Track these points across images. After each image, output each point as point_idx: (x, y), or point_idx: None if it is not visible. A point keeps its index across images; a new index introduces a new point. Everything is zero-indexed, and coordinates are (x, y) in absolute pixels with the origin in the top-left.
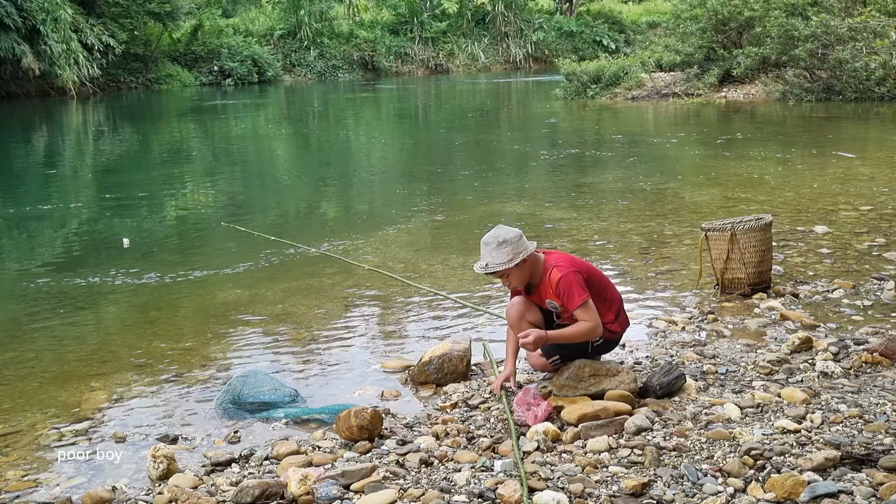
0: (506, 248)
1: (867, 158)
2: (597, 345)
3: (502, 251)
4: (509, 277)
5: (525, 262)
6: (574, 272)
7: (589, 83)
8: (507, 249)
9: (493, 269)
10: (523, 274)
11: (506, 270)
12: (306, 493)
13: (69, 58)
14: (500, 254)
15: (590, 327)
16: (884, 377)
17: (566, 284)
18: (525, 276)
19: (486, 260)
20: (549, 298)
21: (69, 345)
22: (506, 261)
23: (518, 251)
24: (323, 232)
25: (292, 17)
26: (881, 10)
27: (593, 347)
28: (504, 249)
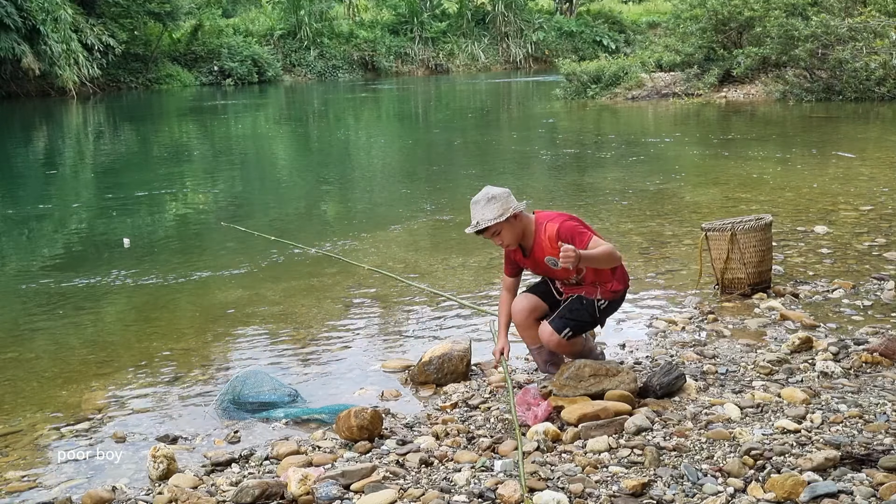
0: (495, 204)
1: (867, 158)
2: (603, 307)
3: (492, 207)
4: (501, 235)
5: (516, 219)
6: (569, 219)
7: (589, 83)
8: (496, 205)
9: (484, 226)
10: (515, 231)
11: (497, 227)
12: (306, 493)
13: (69, 58)
14: (489, 210)
15: (613, 249)
16: (884, 377)
17: (568, 229)
18: (517, 234)
19: (477, 218)
20: (548, 255)
21: (69, 345)
22: (496, 216)
23: (508, 206)
24: (323, 232)
25: (292, 17)
26: (881, 10)
27: (600, 311)
28: (493, 205)
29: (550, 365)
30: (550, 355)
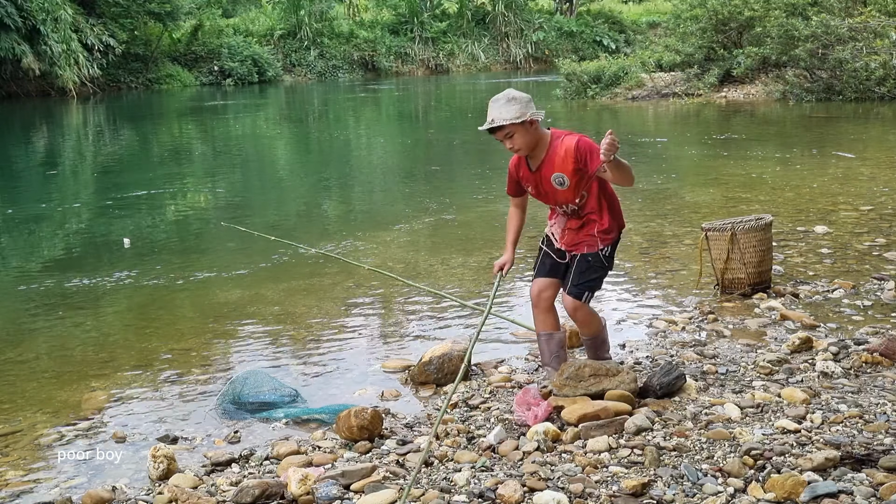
0: (514, 105)
1: (867, 158)
2: (608, 255)
3: (511, 107)
4: (514, 139)
5: (532, 126)
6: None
7: (589, 83)
8: (515, 106)
9: (499, 124)
10: (529, 137)
11: (512, 128)
12: (306, 493)
13: (69, 58)
14: (508, 109)
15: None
16: (884, 377)
17: (587, 144)
18: (531, 141)
19: (493, 115)
20: (557, 171)
21: (69, 345)
22: (513, 117)
23: (526, 110)
24: (323, 232)
25: (292, 17)
26: (881, 10)
27: (607, 259)
28: (513, 106)
29: (555, 358)
30: (558, 349)
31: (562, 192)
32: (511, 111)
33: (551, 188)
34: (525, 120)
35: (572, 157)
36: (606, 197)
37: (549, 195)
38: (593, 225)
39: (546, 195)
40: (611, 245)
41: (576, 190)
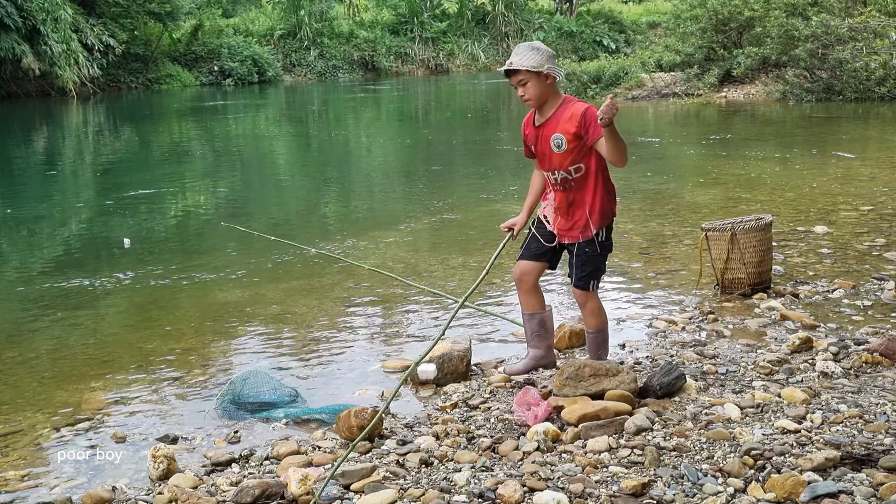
0: (536, 55)
1: (867, 158)
2: (603, 239)
3: (532, 55)
4: (527, 87)
5: (548, 80)
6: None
7: (589, 83)
8: (537, 56)
9: (517, 67)
10: (542, 90)
11: (528, 76)
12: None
13: (69, 58)
14: (529, 57)
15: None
16: (884, 377)
17: (593, 114)
18: (543, 94)
19: (513, 59)
20: (558, 132)
21: (69, 345)
22: (532, 64)
23: (546, 63)
24: (323, 232)
25: (292, 17)
26: (881, 10)
27: (605, 239)
28: (534, 55)
29: (535, 336)
30: (539, 328)
31: (557, 155)
32: (531, 59)
33: (548, 149)
34: (542, 71)
35: (577, 121)
36: (602, 179)
37: (546, 156)
38: (584, 207)
39: (542, 155)
40: (605, 229)
41: (570, 156)
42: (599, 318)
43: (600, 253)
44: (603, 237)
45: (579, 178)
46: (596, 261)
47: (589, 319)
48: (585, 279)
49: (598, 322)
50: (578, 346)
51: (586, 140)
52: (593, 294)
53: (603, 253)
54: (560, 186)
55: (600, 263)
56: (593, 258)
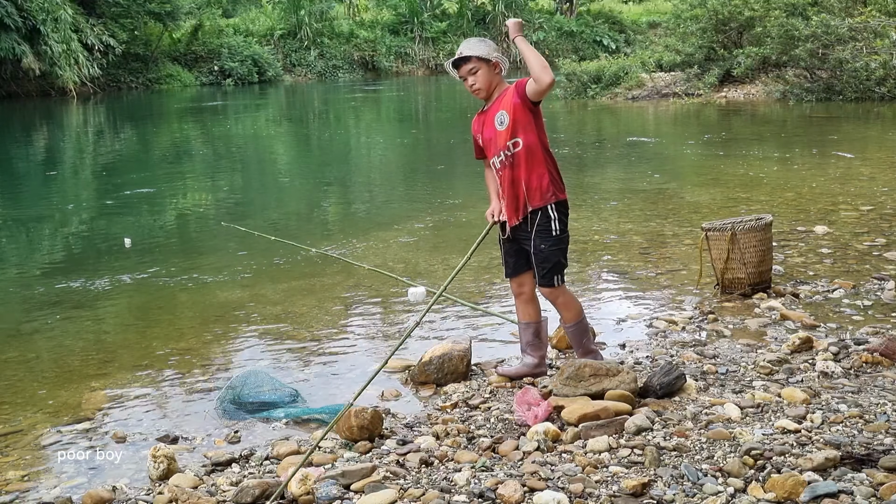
0: (485, 45)
1: (867, 158)
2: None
3: (482, 45)
4: (477, 76)
5: (496, 69)
6: None
7: (589, 83)
8: (485, 46)
9: (468, 54)
10: (490, 79)
11: (478, 64)
12: (306, 493)
13: (69, 58)
14: (479, 46)
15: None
16: (884, 377)
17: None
18: (491, 84)
19: (463, 48)
20: (502, 109)
21: (69, 345)
22: (483, 52)
23: (495, 54)
24: (323, 232)
25: (292, 17)
26: (881, 10)
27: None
28: (483, 44)
29: (528, 345)
30: (533, 337)
31: (500, 133)
32: (481, 48)
33: (493, 131)
34: (492, 60)
35: (514, 90)
36: (543, 157)
37: (491, 141)
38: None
39: (488, 142)
40: (559, 221)
41: (509, 131)
42: (573, 309)
43: (557, 247)
44: (558, 230)
45: (518, 153)
46: (554, 256)
47: (563, 314)
48: (548, 276)
49: (572, 314)
50: None
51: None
52: (561, 289)
53: (560, 247)
54: (505, 167)
55: (560, 258)
56: (551, 253)
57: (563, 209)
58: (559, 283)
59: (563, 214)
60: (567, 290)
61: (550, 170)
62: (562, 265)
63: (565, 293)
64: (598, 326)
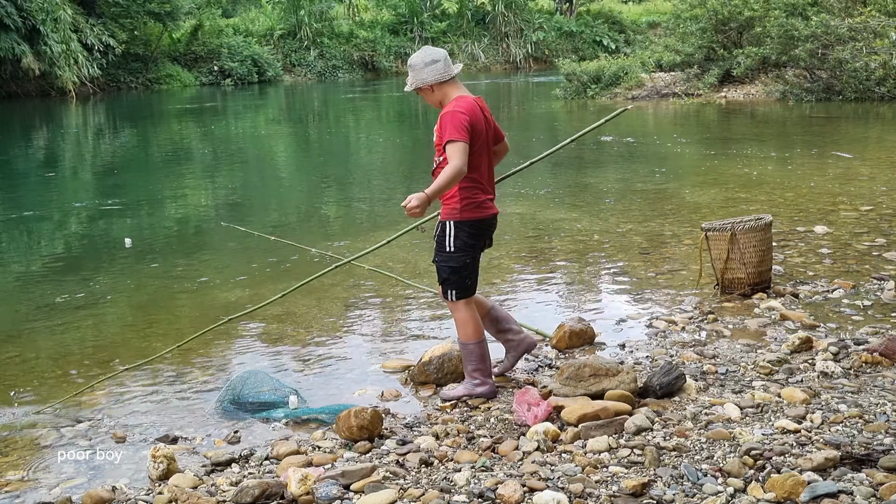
0: (411, 74)
1: (867, 158)
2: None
3: (411, 75)
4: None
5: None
6: (460, 113)
7: (589, 83)
8: (411, 76)
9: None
10: (433, 99)
11: (419, 92)
12: (306, 493)
13: (69, 58)
14: (409, 77)
15: (453, 166)
16: (884, 377)
17: (447, 119)
18: (435, 101)
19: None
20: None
21: (69, 345)
22: (409, 86)
23: (415, 80)
24: (323, 232)
25: (292, 17)
26: (881, 10)
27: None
28: (411, 74)
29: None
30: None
31: (435, 141)
32: (409, 79)
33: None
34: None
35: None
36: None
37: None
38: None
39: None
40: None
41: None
42: (462, 330)
43: (446, 264)
44: (451, 247)
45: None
46: (443, 270)
47: (457, 330)
48: (443, 287)
49: (461, 334)
50: (579, 346)
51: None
52: (456, 305)
53: (450, 264)
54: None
55: (449, 274)
56: (440, 268)
57: (467, 230)
58: (453, 299)
59: (464, 234)
60: (464, 310)
61: (464, 190)
62: (454, 283)
63: (460, 311)
64: (598, 326)
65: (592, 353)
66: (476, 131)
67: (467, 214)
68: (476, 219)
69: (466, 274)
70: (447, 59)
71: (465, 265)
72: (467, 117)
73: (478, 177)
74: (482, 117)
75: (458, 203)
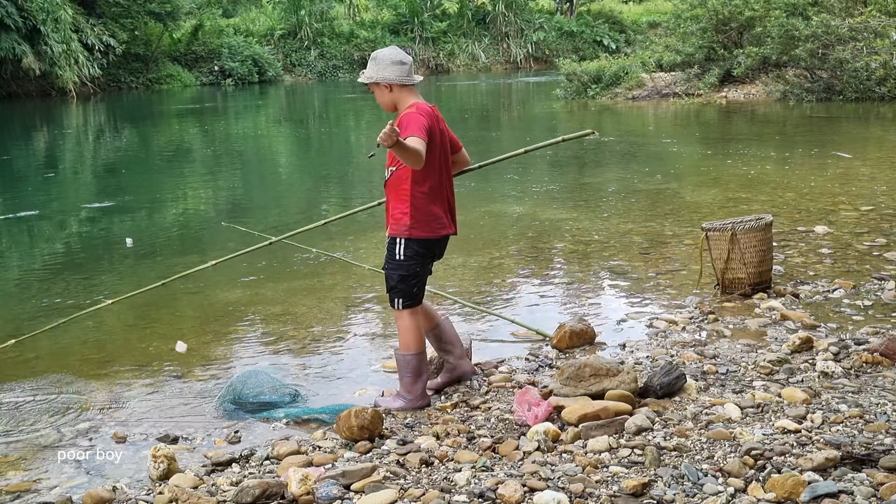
0: (372, 66)
1: (867, 158)
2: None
3: (371, 67)
4: (376, 96)
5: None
6: (420, 115)
7: (589, 83)
8: (372, 67)
9: (360, 80)
10: (385, 99)
11: (372, 86)
12: (306, 493)
13: (69, 58)
14: (368, 68)
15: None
16: (884, 377)
17: (407, 120)
18: (387, 103)
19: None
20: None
21: (69, 345)
22: (366, 77)
23: (377, 74)
24: (324, 232)
25: (293, 17)
26: (881, 10)
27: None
28: (372, 66)
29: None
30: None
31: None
32: (368, 71)
33: None
34: (380, 83)
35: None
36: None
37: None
38: (390, 210)
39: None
40: (404, 246)
41: (390, 156)
42: (403, 340)
43: (396, 271)
44: (401, 256)
45: (391, 180)
46: (391, 278)
47: (399, 338)
48: (389, 294)
49: (401, 344)
50: (579, 346)
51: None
52: (401, 313)
53: (399, 272)
54: (385, 185)
55: (396, 282)
56: (388, 274)
57: (417, 247)
58: (399, 307)
59: (412, 250)
60: (408, 319)
61: (414, 208)
62: (401, 291)
63: (404, 320)
64: (598, 326)
65: (593, 353)
66: (432, 139)
67: (416, 233)
68: (425, 238)
69: (414, 283)
70: (412, 66)
71: (414, 274)
72: (426, 120)
73: (429, 190)
74: (438, 128)
75: (409, 219)
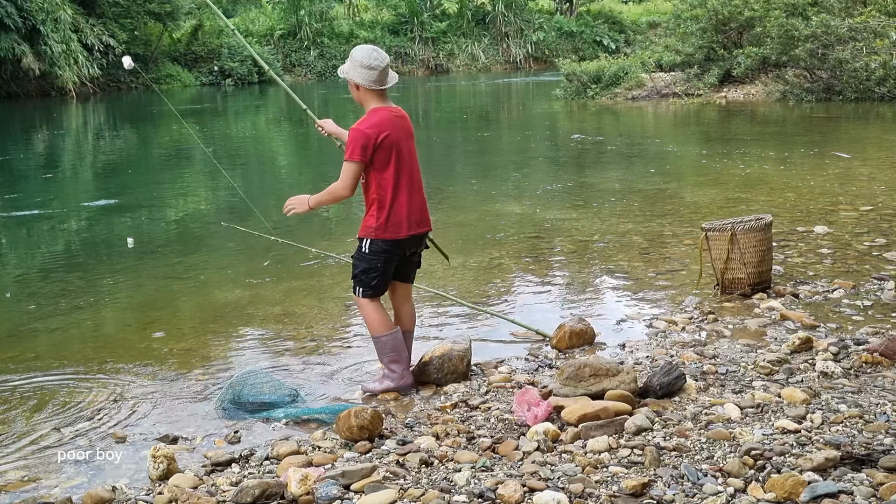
0: (347, 62)
1: (867, 158)
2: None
3: (346, 64)
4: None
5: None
6: (362, 131)
7: (589, 83)
8: (347, 64)
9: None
10: (356, 95)
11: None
12: (306, 493)
13: (69, 58)
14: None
15: (335, 186)
16: (884, 377)
17: (349, 137)
18: (357, 100)
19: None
20: None
21: (69, 345)
22: (342, 70)
23: (348, 71)
24: (323, 232)
25: (292, 17)
26: (881, 10)
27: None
28: (347, 63)
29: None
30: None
31: None
32: (344, 65)
33: None
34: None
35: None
36: (375, 199)
37: None
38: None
39: None
40: (371, 242)
41: None
42: (369, 325)
43: (360, 260)
44: (366, 250)
45: (363, 185)
46: (356, 267)
47: (366, 326)
48: (352, 282)
49: (370, 330)
50: (579, 346)
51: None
52: (360, 301)
53: (363, 265)
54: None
55: (358, 272)
56: (354, 264)
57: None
58: (359, 295)
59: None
60: (369, 306)
61: (375, 212)
62: (360, 280)
63: (364, 307)
64: (598, 326)
65: (592, 353)
66: (383, 146)
67: (381, 234)
68: (390, 239)
69: (375, 276)
70: (385, 71)
71: (375, 268)
72: (367, 135)
73: (392, 194)
74: (399, 131)
75: (374, 222)
